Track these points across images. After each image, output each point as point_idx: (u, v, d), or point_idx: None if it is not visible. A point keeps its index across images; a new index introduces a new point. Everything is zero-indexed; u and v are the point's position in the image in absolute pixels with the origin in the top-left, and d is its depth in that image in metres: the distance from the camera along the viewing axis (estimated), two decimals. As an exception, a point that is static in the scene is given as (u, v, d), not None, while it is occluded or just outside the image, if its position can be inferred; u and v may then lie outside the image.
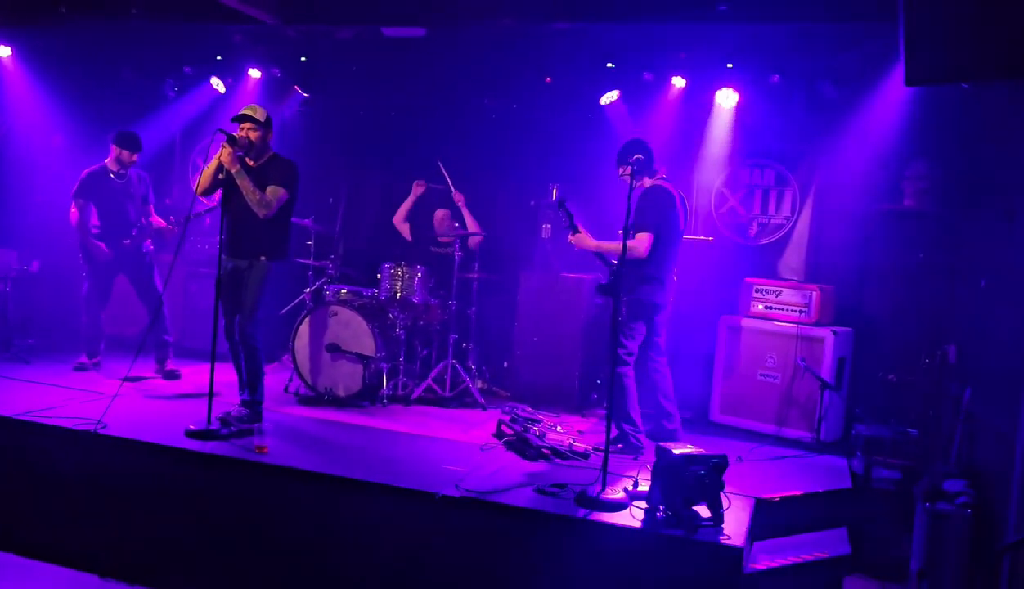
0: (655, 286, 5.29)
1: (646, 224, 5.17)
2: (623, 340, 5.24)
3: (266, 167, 5.23)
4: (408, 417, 5.91)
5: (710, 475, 4.08)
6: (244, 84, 7.65)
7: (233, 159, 5.05)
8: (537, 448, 5.03)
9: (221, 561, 4.54)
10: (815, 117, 6.33)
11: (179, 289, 7.39)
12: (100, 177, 6.53)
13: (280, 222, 5.29)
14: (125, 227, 6.57)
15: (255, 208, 5.10)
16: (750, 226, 6.87)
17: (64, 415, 5.07)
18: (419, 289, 6.41)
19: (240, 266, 5.25)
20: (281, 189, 5.16)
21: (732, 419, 6.19)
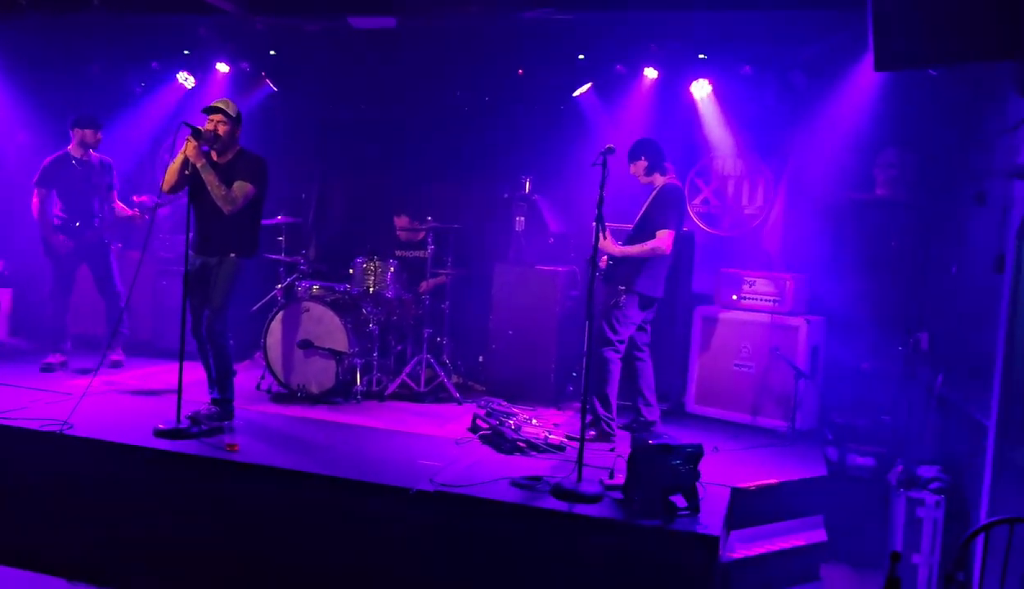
0: (658, 280, 5.38)
1: (668, 222, 5.26)
2: (617, 326, 5.31)
3: (234, 163, 5.14)
4: (382, 413, 5.86)
5: (686, 465, 4.08)
6: (212, 79, 7.55)
7: (198, 153, 4.96)
8: (512, 441, 5.01)
9: (192, 561, 4.47)
10: (787, 107, 6.35)
11: (148, 287, 7.27)
12: (62, 164, 6.45)
13: (249, 218, 5.21)
14: (87, 216, 6.50)
15: (220, 204, 5.01)
16: (724, 217, 6.89)
17: (29, 416, 4.97)
18: (392, 284, 6.36)
19: (209, 263, 5.17)
20: (248, 185, 5.07)
21: (708, 409, 6.20)
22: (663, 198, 5.36)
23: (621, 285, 5.33)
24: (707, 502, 4.17)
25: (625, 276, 5.35)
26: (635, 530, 3.93)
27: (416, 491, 4.18)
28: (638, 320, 5.42)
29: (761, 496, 4.69)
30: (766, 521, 4.69)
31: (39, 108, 7.35)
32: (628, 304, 5.32)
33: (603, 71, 6.65)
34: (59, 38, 7.08)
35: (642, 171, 5.49)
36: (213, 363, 5.23)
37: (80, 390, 5.29)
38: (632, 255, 5.29)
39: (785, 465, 5.12)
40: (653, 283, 5.38)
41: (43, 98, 7.34)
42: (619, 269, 5.37)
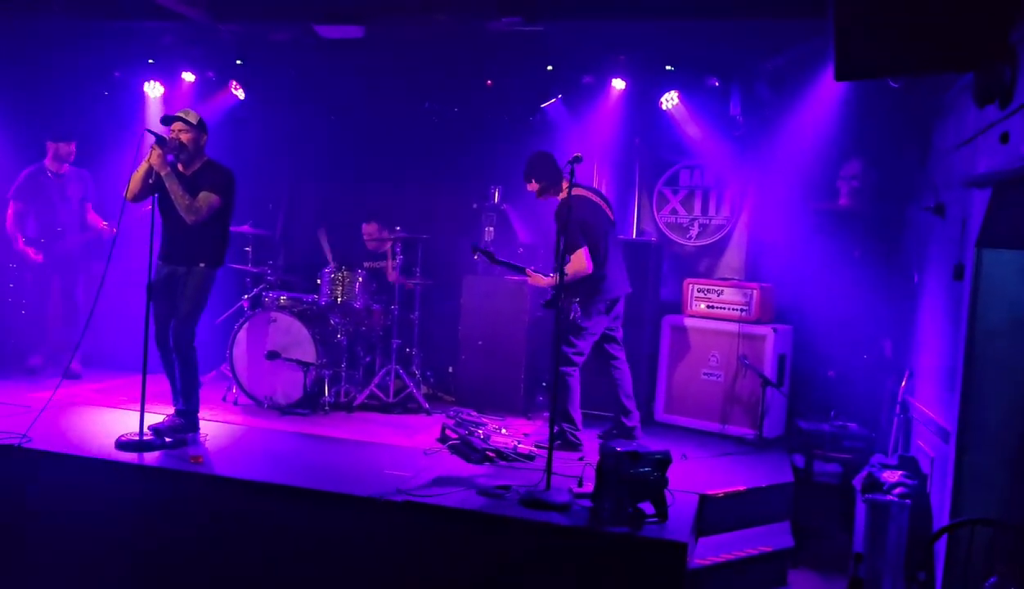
0: (601, 283, 5.34)
1: (576, 240, 5.16)
2: (573, 339, 5.30)
3: (200, 173, 5.10)
4: (351, 424, 5.83)
5: (654, 472, 4.10)
6: (178, 88, 7.46)
7: (162, 162, 4.91)
8: (481, 451, 5.00)
9: (156, 575, 4.39)
10: (753, 119, 6.44)
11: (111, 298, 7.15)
12: (37, 177, 6.55)
13: (218, 228, 5.17)
14: (61, 229, 6.58)
15: (183, 214, 4.96)
16: (691, 227, 6.96)
17: (-14, 430, 4.86)
18: (360, 294, 6.33)
19: (177, 272, 5.11)
20: (213, 196, 5.02)
21: (676, 418, 6.24)
22: (559, 218, 5.18)
23: (575, 298, 5.29)
24: (675, 509, 4.19)
25: (571, 293, 5.27)
26: (604, 537, 3.94)
27: (384, 501, 4.15)
28: (600, 328, 5.37)
29: (729, 503, 4.72)
30: (734, 528, 4.72)
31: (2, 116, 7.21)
32: (582, 317, 5.28)
33: (571, 82, 6.69)
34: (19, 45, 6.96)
35: (537, 191, 5.47)
36: (179, 373, 5.16)
37: (40, 403, 5.18)
38: (565, 282, 5.08)
39: (753, 472, 5.16)
40: (600, 288, 5.30)
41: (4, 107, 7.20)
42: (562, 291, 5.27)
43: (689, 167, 6.94)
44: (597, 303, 5.33)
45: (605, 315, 5.40)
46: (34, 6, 5.69)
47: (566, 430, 5.34)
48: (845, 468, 5.52)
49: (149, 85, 7.42)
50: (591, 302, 5.31)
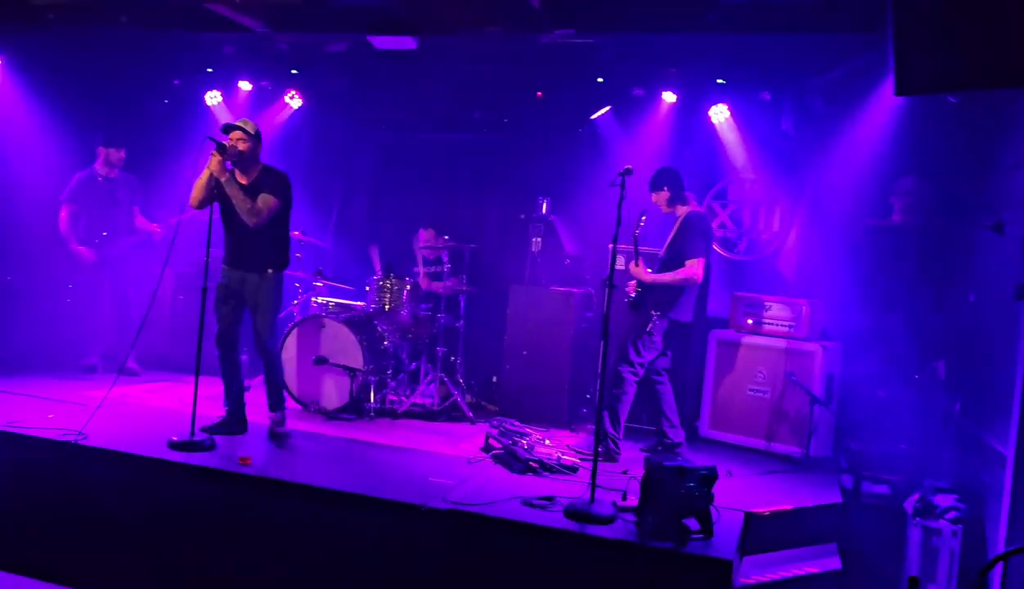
0: (688, 307, 5.45)
1: (696, 250, 5.32)
2: (642, 350, 5.37)
3: (259, 179, 5.20)
4: (395, 430, 5.85)
5: (700, 488, 4.03)
6: (235, 96, 7.62)
7: (222, 168, 5.00)
8: (525, 461, 4.97)
9: (202, 573, 4.44)
10: (805, 132, 6.34)
11: (165, 302, 7.32)
12: (89, 181, 6.74)
13: (280, 232, 5.31)
14: (111, 232, 6.76)
15: (245, 217, 5.06)
16: (740, 241, 6.87)
17: (45, 426, 4.98)
18: (408, 302, 6.37)
19: (249, 278, 5.23)
20: (272, 198, 5.13)
21: (722, 434, 6.14)
22: (689, 227, 5.40)
23: (654, 310, 5.34)
24: (720, 526, 4.12)
25: (657, 302, 5.38)
26: (647, 552, 3.89)
27: (428, 508, 4.15)
28: (663, 345, 5.46)
29: (775, 522, 4.63)
30: (780, 547, 4.63)
31: (65, 123, 7.41)
32: (658, 330, 5.37)
33: (621, 94, 6.68)
34: (83, 51, 7.17)
35: (664, 201, 5.54)
36: (267, 377, 5.36)
37: (96, 401, 5.30)
38: (664, 282, 5.32)
39: (799, 491, 5.05)
40: (684, 308, 5.44)
41: (69, 113, 7.40)
42: (650, 295, 5.40)
43: (739, 181, 6.85)
44: (671, 321, 5.38)
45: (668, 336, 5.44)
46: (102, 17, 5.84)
47: (608, 435, 5.34)
48: (895, 490, 5.38)
49: (212, 94, 7.57)
50: (666, 319, 5.37)
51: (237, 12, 5.61)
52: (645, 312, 5.39)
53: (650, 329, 5.35)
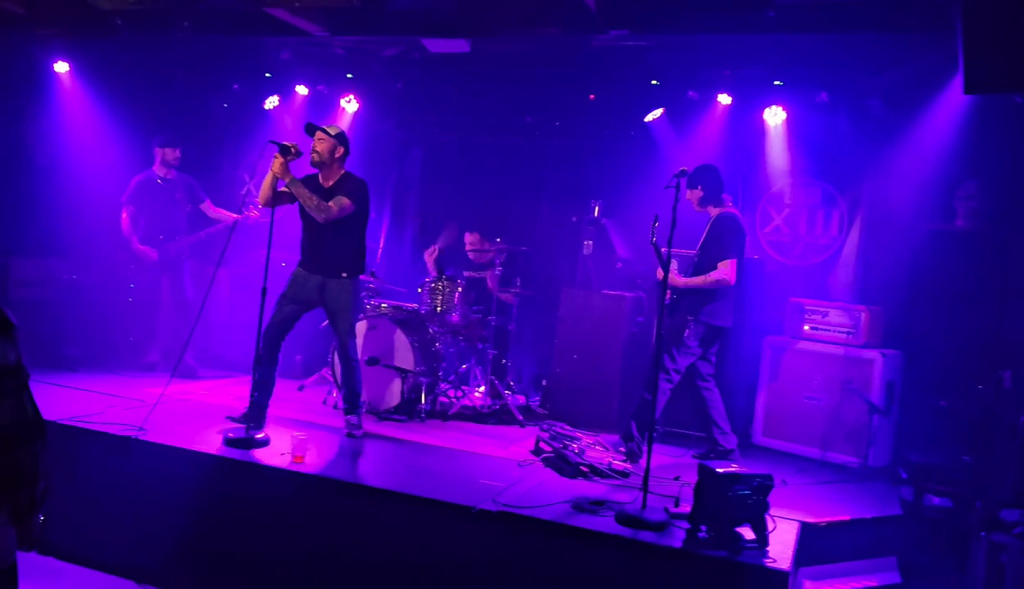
0: (725, 310, 5.34)
1: (727, 251, 5.23)
2: (676, 355, 5.30)
3: (338, 184, 5.29)
4: (446, 432, 5.86)
5: (754, 495, 3.94)
6: (292, 101, 7.73)
7: (284, 169, 5.06)
8: (575, 465, 4.93)
9: (255, 569, 4.50)
10: (864, 135, 6.18)
11: (223, 301, 7.45)
12: (148, 183, 6.91)
13: (356, 237, 5.38)
14: (169, 232, 6.92)
15: (314, 213, 5.14)
16: (796, 246, 6.73)
17: (106, 420, 5.10)
18: (459, 304, 6.37)
19: (327, 284, 5.29)
20: (345, 199, 5.18)
21: (776, 442, 6.01)
22: (718, 228, 5.31)
23: (688, 315, 5.27)
24: (775, 535, 4.03)
25: (691, 306, 5.30)
26: (700, 560, 3.82)
27: (479, 510, 4.14)
28: (700, 351, 5.37)
29: (832, 532, 4.52)
30: (837, 559, 4.51)
31: (128, 126, 7.60)
32: (693, 334, 5.29)
33: (675, 97, 6.59)
34: (146, 58, 7.35)
35: (696, 200, 5.46)
36: (344, 380, 5.46)
37: (154, 398, 5.41)
38: (696, 286, 5.24)
39: (857, 502, 4.93)
40: (720, 313, 5.33)
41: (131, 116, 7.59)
42: (684, 300, 5.33)
43: (795, 185, 6.71)
44: (706, 326, 5.29)
45: (705, 341, 5.35)
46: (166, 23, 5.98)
47: (634, 437, 5.31)
48: (957, 503, 5.19)
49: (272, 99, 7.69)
50: (702, 323, 5.28)
51: (296, 16, 5.68)
52: (680, 317, 5.32)
53: (686, 334, 5.27)
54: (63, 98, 7.57)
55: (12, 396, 2.15)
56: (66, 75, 7.51)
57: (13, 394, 2.15)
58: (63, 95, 7.57)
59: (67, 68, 7.48)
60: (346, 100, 7.63)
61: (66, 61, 7.45)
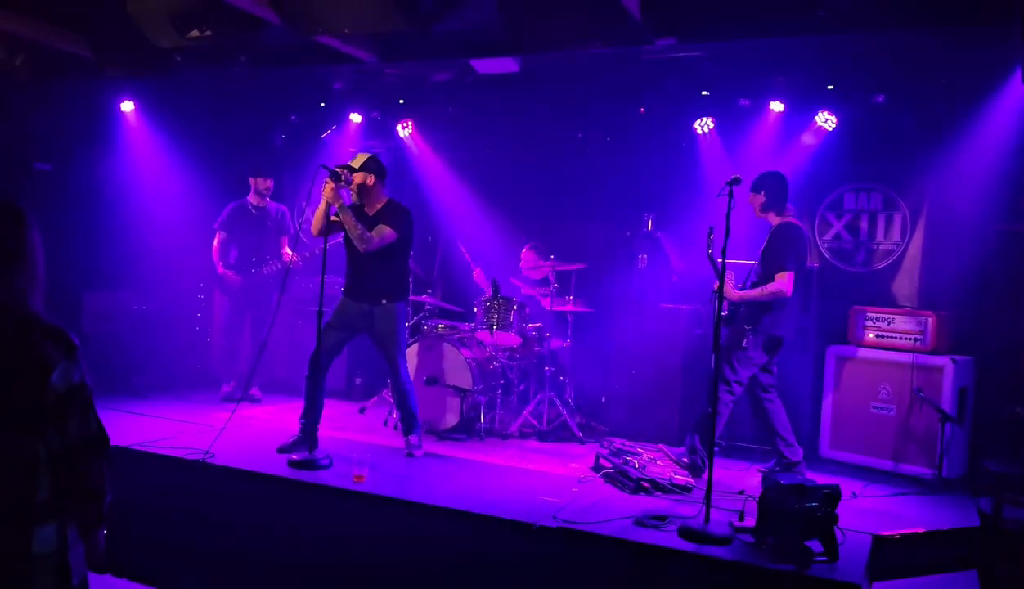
0: (783, 320, 5.24)
1: (785, 263, 5.12)
2: (737, 366, 5.21)
3: (381, 212, 5.37)
4: (505, 450, 5.86)
5: (822, 507, 3.85)
6: (346, 128, 7.89)
7: (335, 194, 5.14)
8: (636, 481, 4.88)
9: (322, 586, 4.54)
10: (925, 135, 6.02)
11: (284, 327, 7.58)
12: (240, 210, 7.02)
13: (398, 264, 5.44)
14: (259, 260, 6.97)
15: (356, 243, 5.20)
16: (857, 252, 6.56)
17: (175, 445, 5.24)
18: (515, 322, 6.37)
19: (372, 312, 5.35)
20: (387, 228, 5.25)
21: (843, 454, 5.85)
22: (779, 238, 5.22)
23: (746, 325, 5.18)
24: (846, 549, 3.91)
25: (749, 316, 5.21)
26: (768, 574, 3.71)
27: (539, 527, 4.11)
28: (761, 361, 5.28)
29: (906, 546, 4.35)
30: (912, 573, 4.34)
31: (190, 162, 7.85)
32: (752, 345, 5.19)
33: (726, 106, 6.53)
34: (205, 95, 7.60)
35: (758, 206, 5.36)
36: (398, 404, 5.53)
37: (221, 423, 5.53)
38: (751, 299, 5.16)
39: (932, 514, 4.76)
40: (778, 323, 5.23)
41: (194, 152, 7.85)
42: (742, 311, 5.24)
43: (854, 189, 6.56)
44: (765, 336, 5.20)
45: (765, 352, 5.25)
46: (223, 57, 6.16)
47: (698, 450, 5.23)
48: (1040, 514, 4.96)
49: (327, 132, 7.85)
50: (760, 333, 5.19)
51: (347, 44, 5.80)
52: (738, 327, 5.23)
53: (744, 344, 5.18)
54: (129, 136, 7.88)
55: (79, 414, 2.25)
56: (132, 113, 7.82)
57: (79, 412, 2.25)
58: (129, 133, 7.88)
59: (132, 107, 7.78)
60: (403, 126, 7.75)
61: (131, 100, 7.76)
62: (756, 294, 5.17)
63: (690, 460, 5.27)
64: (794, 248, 5.17)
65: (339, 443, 5.66)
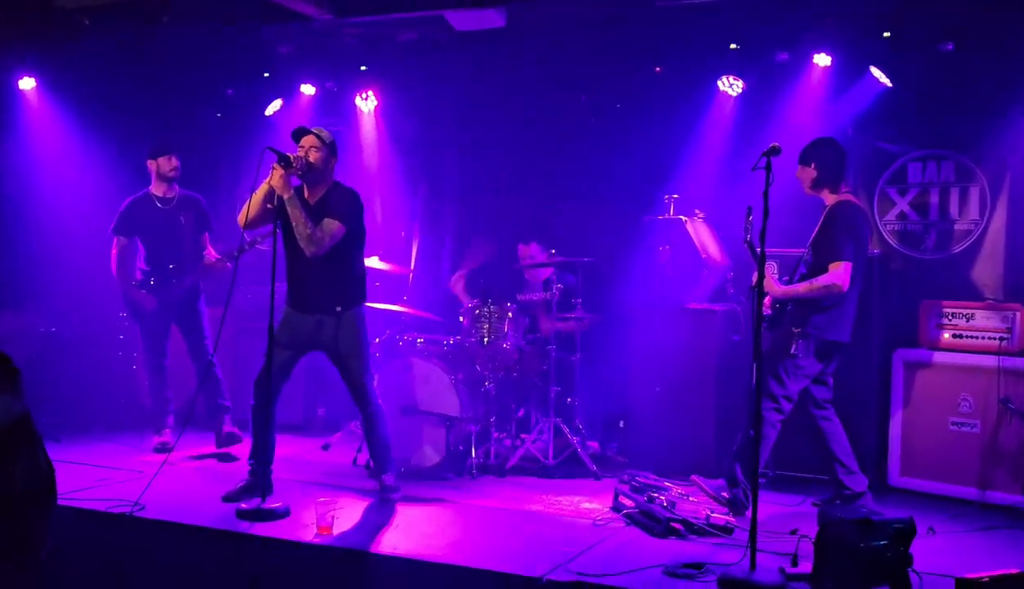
0: (841, 320, 5.27)
1: (841, 251, 5.14)
2: (785, 379, 5.24)
3: (324, 199, 5.35)
4: (504, 490, 5.88)
5: (892, 546, 3.89)
6: (296, 103, 7.91)
7: (285, 183, 5.13)
8: (665, 521, 4.89)
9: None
10: (1005, 90, 6.06)
11: (227, 348, 7.56)
12: (144, 205, 6.61)
13: (349, 263, 5.44)
14: (176, 266, 6.60)
15: (303, 245, 5.18)
16: (926, 235, 6.60)
17: (98, 496, 5.23)
18: (511, 333, 6.38)
19: (325, 324, 5.34)
20: (335, 223, 5.23)
21: (917, 481, 5.90)
22: (833, 221, 5.25)
23: (795, 327, 5.20)
24: (923, 596, 3.93)
25: (798, 317, 5.24)
26: (829, 630, 3.73)
27: (547, 580, 4.12)
28: (814, 371, 5.31)
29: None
30: (1005, 624, 4.35)
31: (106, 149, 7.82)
32: (803, 351, 5.22)
33: (761, 62, 6.58)
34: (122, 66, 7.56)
35: (808, 181, 5.39)
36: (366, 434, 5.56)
37: (152, 468, 5.53)
38: (799, 295, 5.20)
39: (1028, 551, 4.79)
40: (835, 324, 5.26)
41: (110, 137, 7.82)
42: (789, 308, 5.27)
43: (921, 159, 6.59)
44: (818, 341, 5.23)
45: (818, 359, 5.30)
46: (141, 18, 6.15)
47: (740, 482, 5.25)
48: None
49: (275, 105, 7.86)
50: (812, 337, 5.22)
51: None
52: (785, 330, 5.25)
53: (793, 351, 5.20)
54: (30, 120, 7.86)
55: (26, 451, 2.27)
56: (32, 92, 7.79)
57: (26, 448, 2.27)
58: (30, 116, 7.86)
59: (33, 84, 7.76)
60: (363, 97, 7.77)
61: (32, 76, 7.74)
62: (804, 289, 5.19)
63: (730, 494, 5.29)
64: (853, 233, 5.20)
65: (298, 487, 5.65)
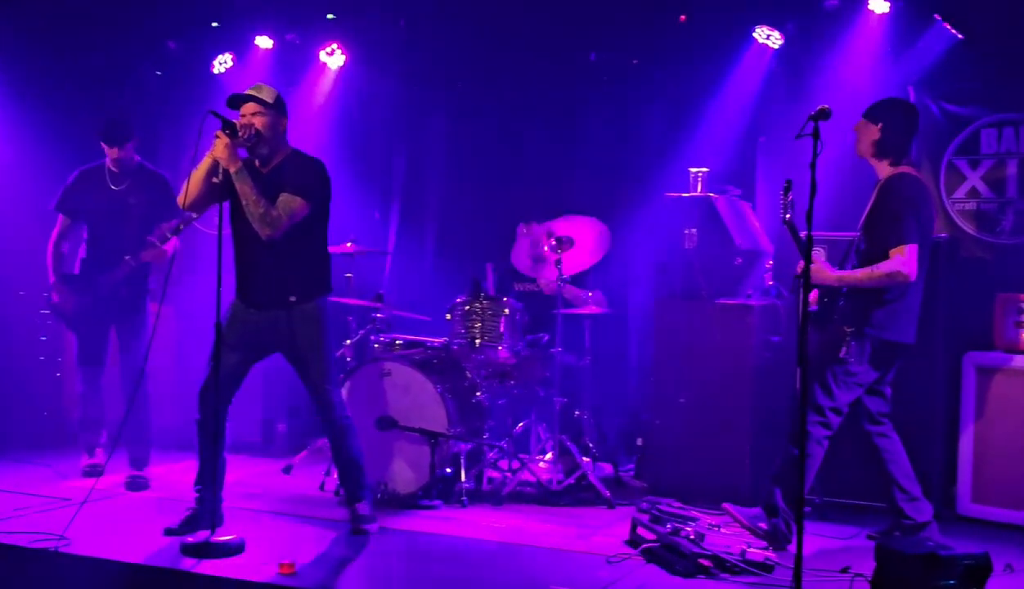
0: (904, 316, 5.25)
1: (904, 233, 5.09)
2: (834, 388, 5.22)
3: (280, 169, 5.32)
4: (499, 519, 5.87)
5: (963, 586, 3.93)
6: (251, 58, 7.90)
7: (232, 154, 5.10)
8: (692, 557, 4.89)
9: None
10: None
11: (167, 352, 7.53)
12: (93, 179, 6.58)
13: (313, 246, 5.43)
14: (118, 255, 6.50)
15: (256, 226, 5.14)
16: (1003, 216, 6.60)
17: (15, 529, 5.18)
18: (507, 333, 6.37)
19: (279, 320, 5.33)
20: (296, 199, 5.19)
21: (992, 510, 5.93)
22: (892, 197, 5.20)
23: (847, 326, 5.18)
24: (1002, 645, 3.94)
25: (852, 313, 5.21)
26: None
27: (552, 628, 4.13)
28: (869, 379, 5.29)
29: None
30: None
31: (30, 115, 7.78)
32: (856, 355, 5.20)
33: (807, 8, 6.63)
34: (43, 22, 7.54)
35: (869, 144, 5.34)
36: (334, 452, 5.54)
37: (80, 495, 5.50)
38: (856, 284, 5.16)
39: None
40: (897, 321, 5.24)
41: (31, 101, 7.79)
42: (841, 303, 5.23)
43: (996, 124, 6.59)
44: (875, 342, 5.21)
45: (875, 366, 5.27)
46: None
47: (780, 510, 5.26)
48: None
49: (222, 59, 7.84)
50: (868, 338, 5.19)
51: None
52: (835, 329, 5.23)
53: (844, 355, 5.18)
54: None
55: None
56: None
57: None
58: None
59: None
60: (327, 52, 7.74)
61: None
62: (862, 276, 5.15)
63: (769, 525, 5.29)
64: (916, 211, 5.16)
65: (255, 517, 5.65)
